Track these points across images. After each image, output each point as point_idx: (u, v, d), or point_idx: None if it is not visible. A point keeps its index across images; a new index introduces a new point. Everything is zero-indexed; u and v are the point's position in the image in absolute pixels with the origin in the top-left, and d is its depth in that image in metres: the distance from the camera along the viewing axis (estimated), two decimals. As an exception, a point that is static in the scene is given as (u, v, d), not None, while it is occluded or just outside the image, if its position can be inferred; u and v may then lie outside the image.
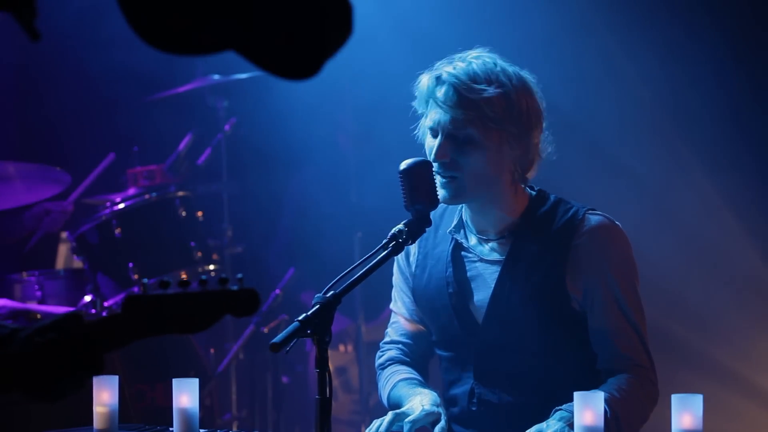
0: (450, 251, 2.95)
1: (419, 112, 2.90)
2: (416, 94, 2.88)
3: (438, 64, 2.87)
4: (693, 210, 5.37)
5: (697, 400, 2.37)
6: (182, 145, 5.76)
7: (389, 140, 3.18)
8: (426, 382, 3.01)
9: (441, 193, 2.78)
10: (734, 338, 5.31)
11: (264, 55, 1.52)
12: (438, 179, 2.80)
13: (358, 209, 6.01)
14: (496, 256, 2.89)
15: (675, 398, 2.39)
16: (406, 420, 2.72)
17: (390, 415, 2.75)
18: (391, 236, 2.68)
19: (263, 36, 1.50)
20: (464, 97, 2.77)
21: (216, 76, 5.74)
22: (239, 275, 1.82)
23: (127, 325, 1.75)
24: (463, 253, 2.94)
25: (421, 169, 2.75)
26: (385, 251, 2.65)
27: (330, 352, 2.45)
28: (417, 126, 2.92)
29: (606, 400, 2.67)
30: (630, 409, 2.73)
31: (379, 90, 2.72)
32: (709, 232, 5.34)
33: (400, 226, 2.70)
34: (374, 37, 5.29)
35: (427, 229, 2.77)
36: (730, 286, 5.31)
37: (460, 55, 2.86)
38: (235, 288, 1.79)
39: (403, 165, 2.75)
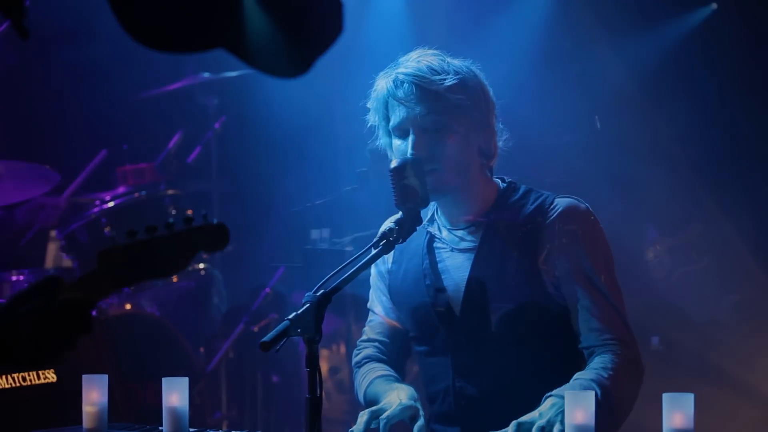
0: (425, 244, 2.94)
1: (372, 122, 2.91)
2: (371, 104, 2.90)
3: (382, 73, 2.88)
4: (688, 214, 5.38)
5: (688, 400, 2.37)
6: (172, 144, 5.75)
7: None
8: (403, 380, 2.99)
9: None
10: (729, 338, 5.32)
11: (254, 53, 1.51)
12: None
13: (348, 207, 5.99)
14: (467, 245, 2.89)
15: (666, 397, 2.38)
16: (382, 416, 2.70)
17: (366, 413, 2.73)
18: (381, 234, 2.68)
19: (254, 34, 1.50)
20: (426, 90, 2.79)
21: (206, 74, 5.73)
22: (204, 212, 1.85)
23: (106, 278, 1.78)
24: (435, 244, 2.94)
25: (412, 167, 2.74)
26: (376, 249, 2.65)
27: (322, 352, 2.44)
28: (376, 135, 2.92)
29: (594, 380, 2.66)
30: (620, 389, 2.70)
31: (370, 88, 2.73)
32: (704, 234, 5.35)
33: (391, 224, 2.70)
34: (366, 35, 5.28)
35: (418, 227, 2.77)
36: (727, 286, 5.31)
37: (401, 59, 2.87)
38: (201, 224, 1.82)
39: (394, 163, 2.75)
